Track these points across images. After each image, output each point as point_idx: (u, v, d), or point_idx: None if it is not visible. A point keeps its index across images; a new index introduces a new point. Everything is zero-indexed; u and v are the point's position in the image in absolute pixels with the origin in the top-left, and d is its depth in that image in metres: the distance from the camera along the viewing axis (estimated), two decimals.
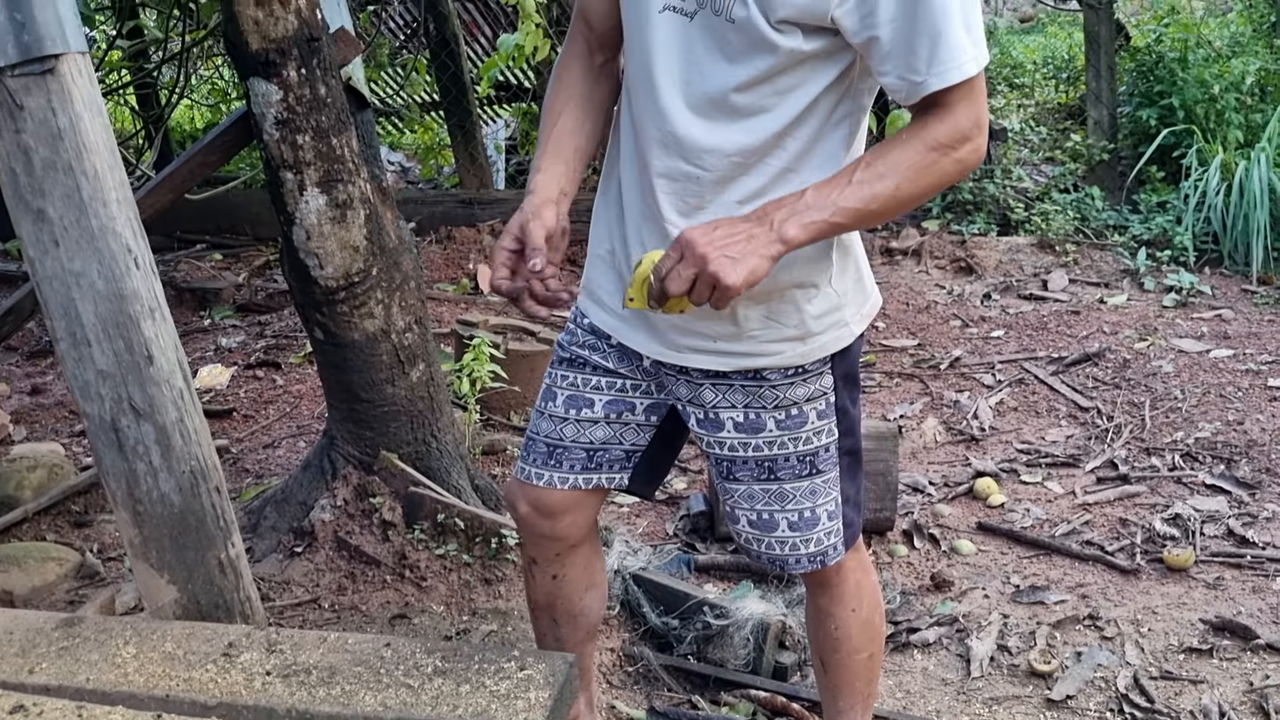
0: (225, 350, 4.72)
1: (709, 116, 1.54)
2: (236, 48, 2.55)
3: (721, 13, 1.47)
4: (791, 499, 1.75)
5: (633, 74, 1.60)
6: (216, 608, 2.10)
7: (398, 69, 6.90)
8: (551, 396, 1.85)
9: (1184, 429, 3.52)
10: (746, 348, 1.66)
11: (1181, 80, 5.30)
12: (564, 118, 1.71)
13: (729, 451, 1.74)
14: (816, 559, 1.79)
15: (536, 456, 1.87)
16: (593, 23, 1.72)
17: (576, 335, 1.84)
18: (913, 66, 1.44)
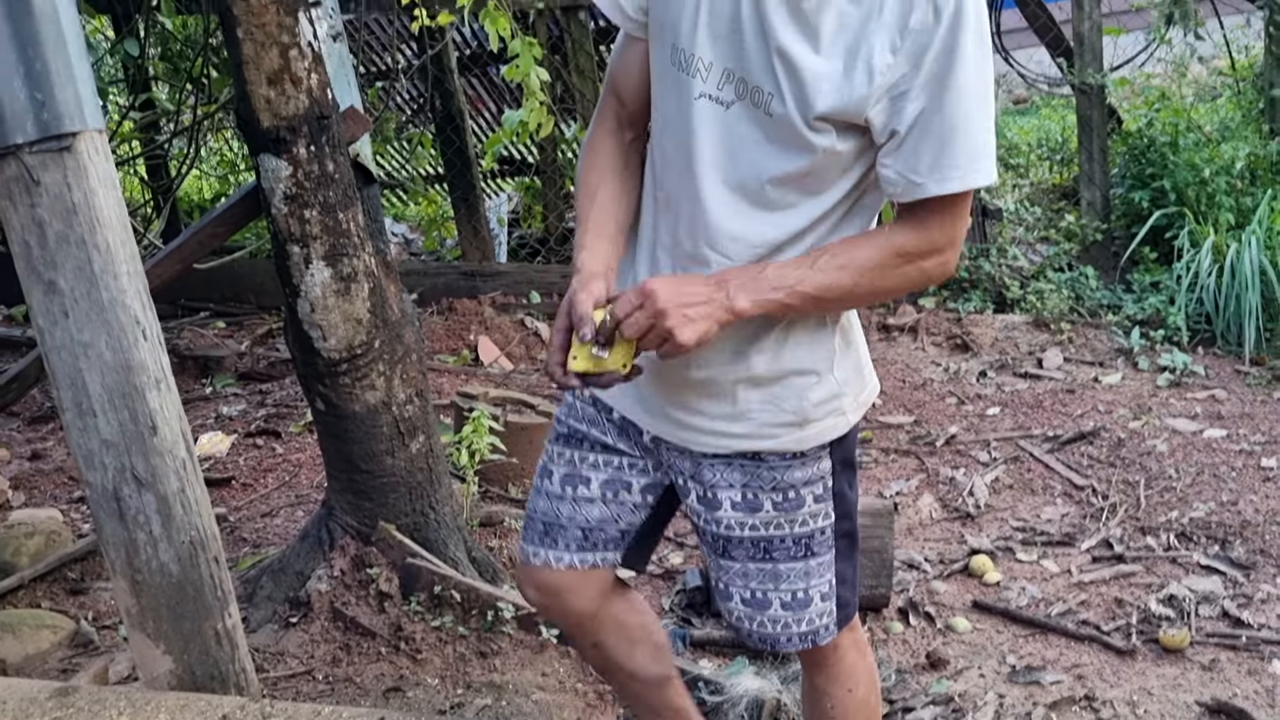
0: (226, 418, 4.75)
1: (742, 205, 1.55)
2: (248, 124, 2.62)
3: (760, 106, 1.50)
4: (785, 579, 1.75)
5: (669, 153, 1.59)
6: (212, 679, 2.11)
7: (403, 143, 7.01)
8: (548, 474, 1.85)
9: (1178, 509, 3.53)
10: (744, 429, 1.67)
11: (1173, 164, 5.39)
12: (601, 192, 1.68)
13: (725, 530, 1.74)
14: (808, 638, 1.78)
15: (534, 535, 1.87)
16: (625, 100, 1.71)
17: (576, 409, 1.83)
18: (914, 167, 1.46)
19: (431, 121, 6.59)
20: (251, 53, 2.51)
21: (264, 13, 2.48)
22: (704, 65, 1.52)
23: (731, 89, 1.51)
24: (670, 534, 3.57)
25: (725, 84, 1.51)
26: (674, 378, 1.66)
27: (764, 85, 1.49)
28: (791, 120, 1.48)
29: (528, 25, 5.79)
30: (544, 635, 2.76)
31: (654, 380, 1.67)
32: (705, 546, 1.81)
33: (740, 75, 1.50)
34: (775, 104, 1.48)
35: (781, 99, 1.47)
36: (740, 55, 1.49)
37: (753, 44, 1.48)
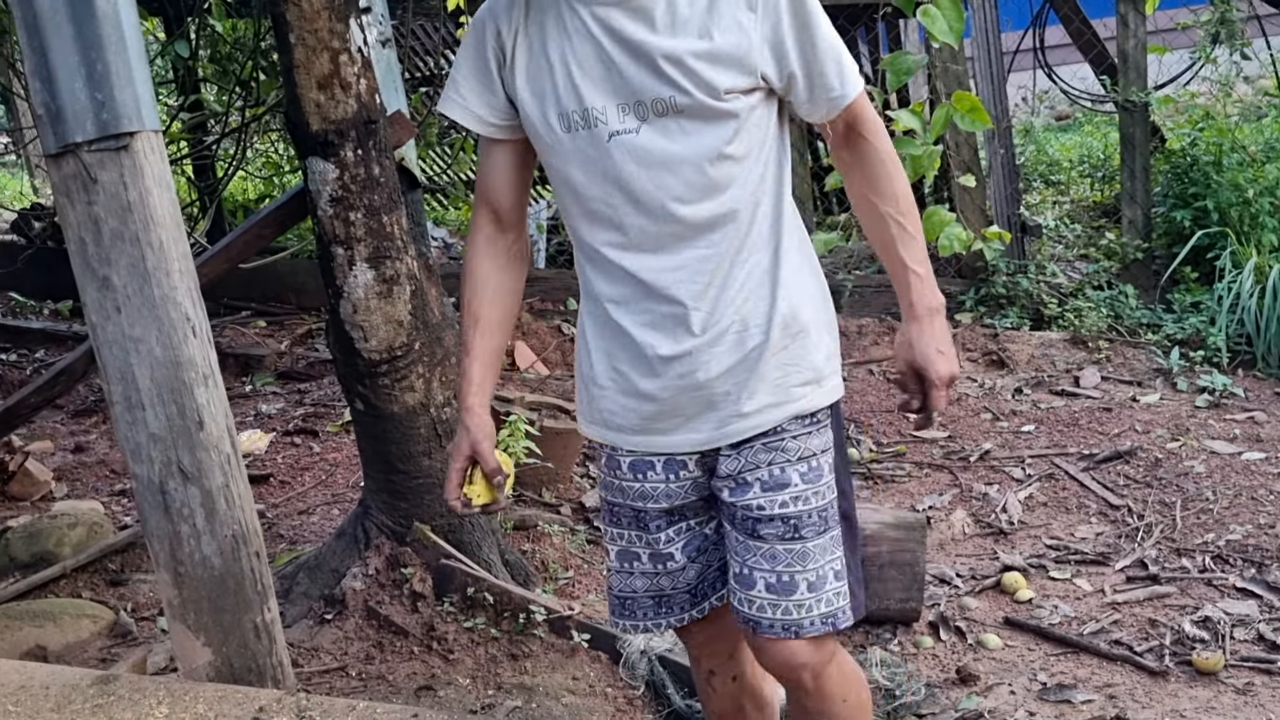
0: (265, 416, 4.81)
1: (703, 200, 1.68)
2: (297, 128, 2.66)
3: (668, 111, 1.63)
4: (812, 557, 1.77)
5: (612, 201, 1.69)
6: (249, 671, 2.14)
7: (445, 148, 7.08)
8: (634, 556, 1.89)
9: (1215, 530, 3.50)
10: (771, 398, 1.75)
11: (1216, 183, 5.35)
12: (483, 322, 1.83)
13: (756, 511, 1.76)
14: (829, 620, 1.78)
15: (645, 611, 1.92)
16: (498, 203, 1.83)
17: (622, 487, 1.87)
18: (829, 85, 1.70)
19: None
20: (303, 57, 2.55)
21: (316, 18, 2.52)
22: (599, 111, 1.65)
23: (633, 116, 1.65)
24: None
25: (625, 115, 1.65)
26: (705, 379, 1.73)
27: (662, 93, 1.63)
28: (702, 103, 1.63)
29: None
30: (575, 640, 2.78)
31: (686, 394, 1.75)
32: (732, 537, 1.81)
33: (636, 100, 1.64)
34: (680, 99, 1.63)
35: (685, 92, 1.63)
36: (624, 84, 1.64)
37: (631, 69, 1.63)
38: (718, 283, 1.71)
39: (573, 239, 1.81)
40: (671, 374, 1.73)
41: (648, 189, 1.67)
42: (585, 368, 1.84)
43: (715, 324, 1.72)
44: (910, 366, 1.78)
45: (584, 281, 1.81)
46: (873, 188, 1.80)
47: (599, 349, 1.80)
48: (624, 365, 1.78)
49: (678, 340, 1.72)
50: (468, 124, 1.78)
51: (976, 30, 5.69)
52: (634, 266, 1.71)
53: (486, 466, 1.83)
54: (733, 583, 1.82)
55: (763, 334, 1.73)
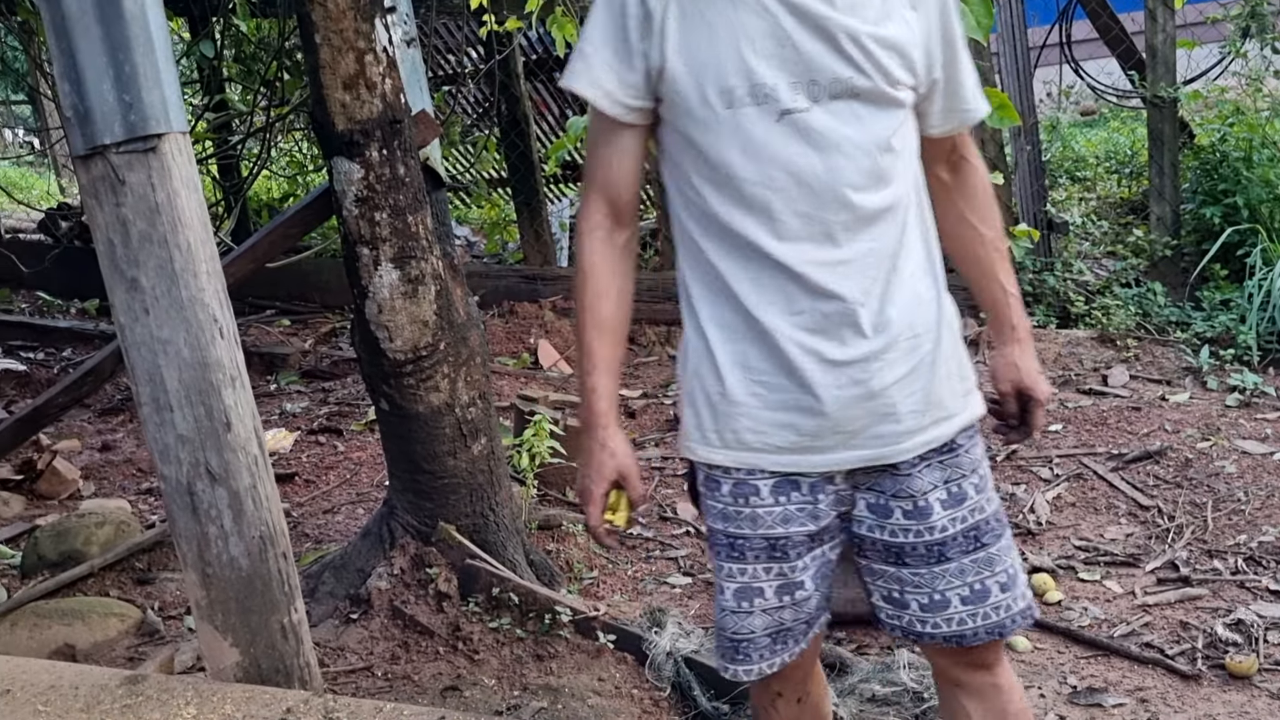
0: (289, 415, 4.83)
1: (871, 189, 1.59)
2: (323, 128, 2.66)
3: (843, 93, 1.55)
4: (997, 561, 1.72)
5: (765, 185, 1.57)
6: (276, 672, 2.14)
7: (468, 146, 7.09)
8: (757, 593, 1.71)
9: (1247, 532, 3.46)
10: (942, 410, 1.68)
11: (1246, 179, 5.29)
12: (608, 329, 1.68)
13: (939, 534, 1.68)
14: (1027, 614, 1.74)
15: (761, 652, 1.76)
16: (618, 197, 1.68)
17: (756, 515, 1.69)
18: (964, 98, 1.69)
19: (496, 125, 6.66)
20: (328, 58, 2.55)
21: (342, 19, 2.52)
22: (770, 87, 1.54)
23: (804, 95, 1.55)
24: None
25: (797, 94, 1.55)
26: (880, 387, 1.63)
27: (841, 73, 1.55)
28: (879, 89, 1.57)
29: None
30: (600, 640, 2.78)
31: (857, 405, 1.63)
32: (910, 571, 1.71)
33: (810, 78, 1.55)
34: (859, 81, 1.55)
35: (865, 74, 1.55)
36: (799, 61, 1.54)
37: (809, 45, 1.54)
38: (883, 279, 1.61)
39: (698, 235, 1.64)
40: (841, 382, 1.61)
41: (819, 173, 1.56)
42: (708, 384, 1.66)
43: (885, 326, 1.61)
44: (1015, 388, 1.78)
45: (708, 284, 1.65)
46: (975, 211, 1.77)
47: (730, 360, 1.63)
48: (771, 376, 1.62)
49: (847, 343, 1.60)
50: (596, 102, 1.61)
51: (1002, 25, 5.64)
52: (792, 259, 1.58)
53: (635, 493, 1.69)
54: (918, 613, 1.72)
55: (932, 340, 1.66)
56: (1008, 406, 1.81)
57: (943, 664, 1.82)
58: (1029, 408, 1.80)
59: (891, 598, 1.74)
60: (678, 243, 1.70)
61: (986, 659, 1.80)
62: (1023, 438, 1.84)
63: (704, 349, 1.66)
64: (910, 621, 1.73)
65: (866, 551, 1.73)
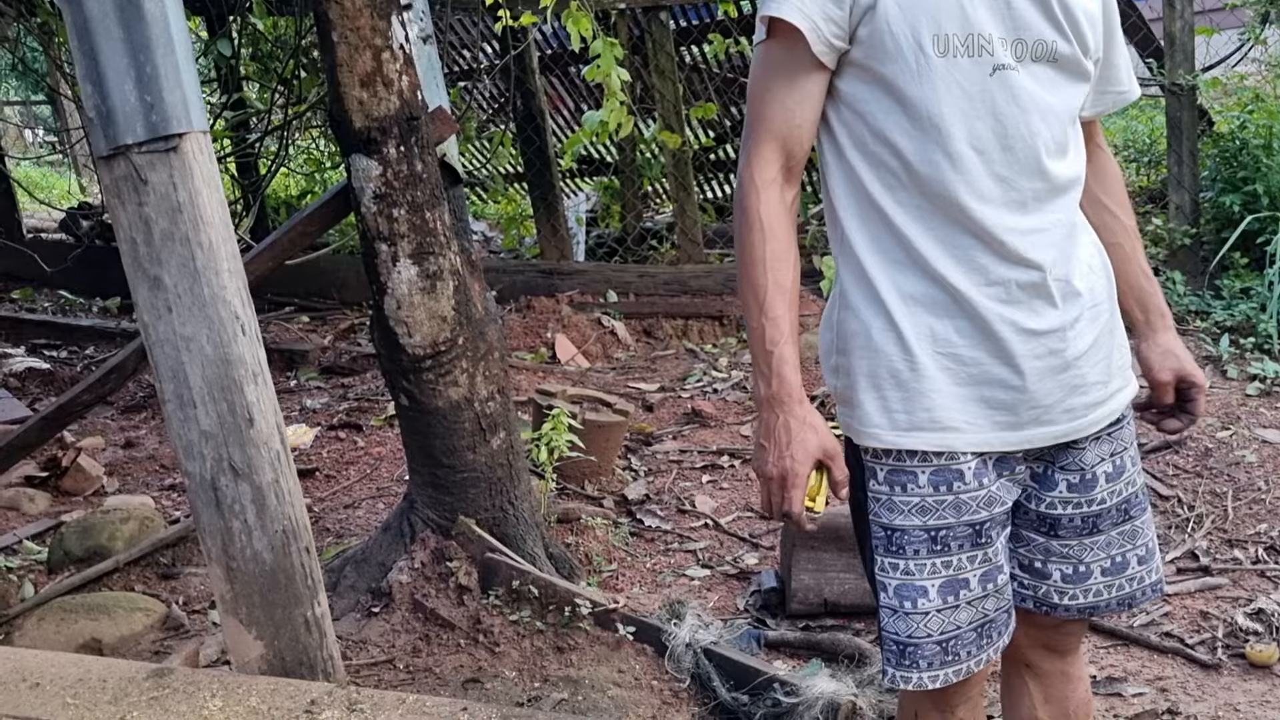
0: (310, 411, 4.86)
1: (1060, 156, 1.57)
2: (340, 125, 2.68)
3: (1046, 56, 1.54)
4: (1140, 534, 1.71)
5: (971, 143, 1.51)
6: (300, 665, 2.17)
7: (484, 141, 7.11)
8: (962, 585, 1.60)
9: (1268, 521, 3.45)
10: (1117, 382, 1.67)
11: (1266, 167, 5.25)
12: (790, 294, 1.55)
13: (1098, 506, 1.67)
14: (1158, 587, 1.74)
15: (968, 648, 1.62)
16: (801, 148, 1.57)
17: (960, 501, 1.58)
18: (1120, 80, 1.69)
19: (512, 120, 6.67)
20: (345, 55, 2.57)
21: (358, 16, 2.54)
22: (987, 39, 1.49)
23: (1011, 53, 1.51)
24: (746, 534, 3.57)
25: (1006, 51, 1.51)
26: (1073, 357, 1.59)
27: (1045, 35, 1.53)
28: (1077, 57, 1.56)
29: (609, 26, 5.83)
30: (620, 632, 2.79)
31: (1052, 377, 1.57)
32: (1060, 540, 1.68)
33: (1017, 37, 1.52)
34: (1061, 47, 1.54)
35: (1067, 39, 1.54)
36: (1010, 17, 1.51)
37: (1022, 2, 1.51)
38: (1068, 250, 1.58)
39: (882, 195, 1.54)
40: (1039, 352, 1.55)
41: (1024, 134, 1.51)
42: (893, 360, 1.55)
43: (1072, 296, 1.57)
44: (1176, 376, 1.75)
45: (889, 249, 1.55)
46: (1113, 197, 1.76)
47: (918, 333, 1.54)
48: (967, 349, 1.54)
49: (1040, 314, 1.55)
50: (806, 34, 1.49)
51: None
52: (992, 222, 1.52)
53: (841, 471, 1.55)
54: (1059, 584, 1.69)
55: (1109, 310, 1.65)
56: (1165, 396, 1.78)
57: (1027, 641, 1.77)
58: (1191, 394, 1.78)
59: (1032, 566, 1.70)
60: (841, 205, 1.59)
61: (1071, 642, 1.80)
62: (1188, 425, 1.80)
63: (885, 322, 1.55)
64: (1047, 592, 1.70)
65: (1018, 518, 1.68)
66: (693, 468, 4.07)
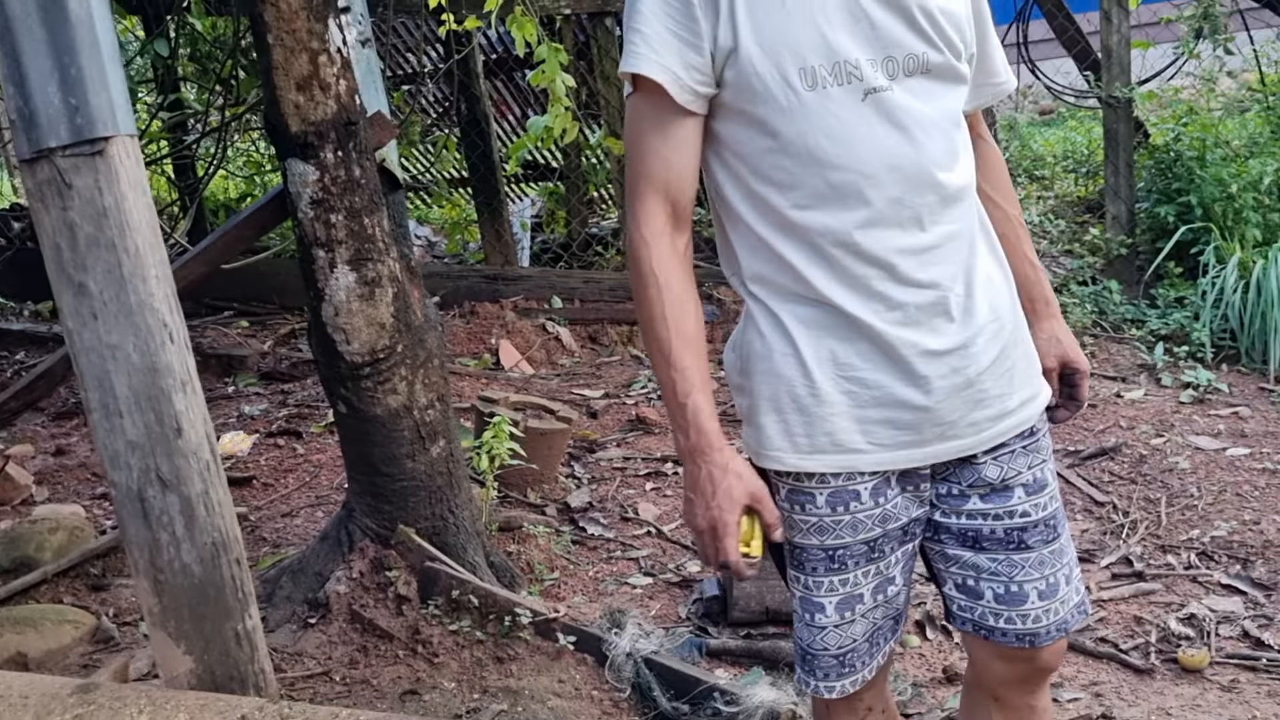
0: (248, 417, 4.78)
1: (952, 166, 1.56)
2: (277, 129, 2.64)
3: (918, 69, 1.52)
4: (1065, 552, 1.69)
5: (854, 170, 1.49)
6: (231, 679, 2.12)
7: (428, 146, 7.05)
8: (858, 600, 1.64)
9: (1200, 527, 3.51)
10: (1025, 392, 1.65)
11: (1199, 179, 5.36)
12: (694, 343, 1.54)
13: (1020, 519, 1.64)
14: (1083, 608, 1.71)
15: (862, 659, 1.68)
16: (685, 194, 1.55)
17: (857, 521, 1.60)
18: (996, 71, 1.69)
19: (456, 125, 6.62)
20: (281, 58, 2.53)
21: (294, 19, 2.50)
22: (853, 64, 1.48)
23: (883, 73, 1.49)
24: (689, 542, 3.57)
25: (877, 72, 1.49)
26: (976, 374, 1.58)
27: (915, 49, 1.51)
28: (949, 63, 1.55)
29: (554, 31, 5.82)
30: (561, 642, 2.77)
31: (956, 395, 1.57)
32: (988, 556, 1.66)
33: (886, 55, 1.50)
34: (933, 57, 1.53)
35: (937, 49, 1.53)
36: (875, 36, 1.49)
37: (885, 20, 1.49)
38: (965, 263, 1.57)
39: (766, 231, 1.54)
40: (943, 372, 1.55)
41: (908, 152, 1.50)
42: (794, 385, 1.56)
43: (972, 311, 1.56)
44: (1061, 362, 1.77)
45: (781, 280, 1.56)
46: (997, 187, 1.76)
47: (819, 359, 1.54)
48: (869, 371, 1.54)
49: (940, 332, 1.54)
50: (667, 87, 1.49)
51: None
52: (879, 247, 1.50)
53: (771, 514, 1.55)
54: (993, 605, 1.66)
55: (1011, 320, 1.63)
56: (1052, 383, 1.78)
57: (994, 672, 1.75)
58: (1075, 381, 1.79)
59: (965, 586, 1.68)
60: (732, 239, 1.60)
61: (1043, 677, 1.76)
62: (1074, 412, 1.81)
63: (787, 346, 1.56)
64: (983, 615, 1.67)
65: (942, 536, 1.68)
66: (636, 475, 4.06)
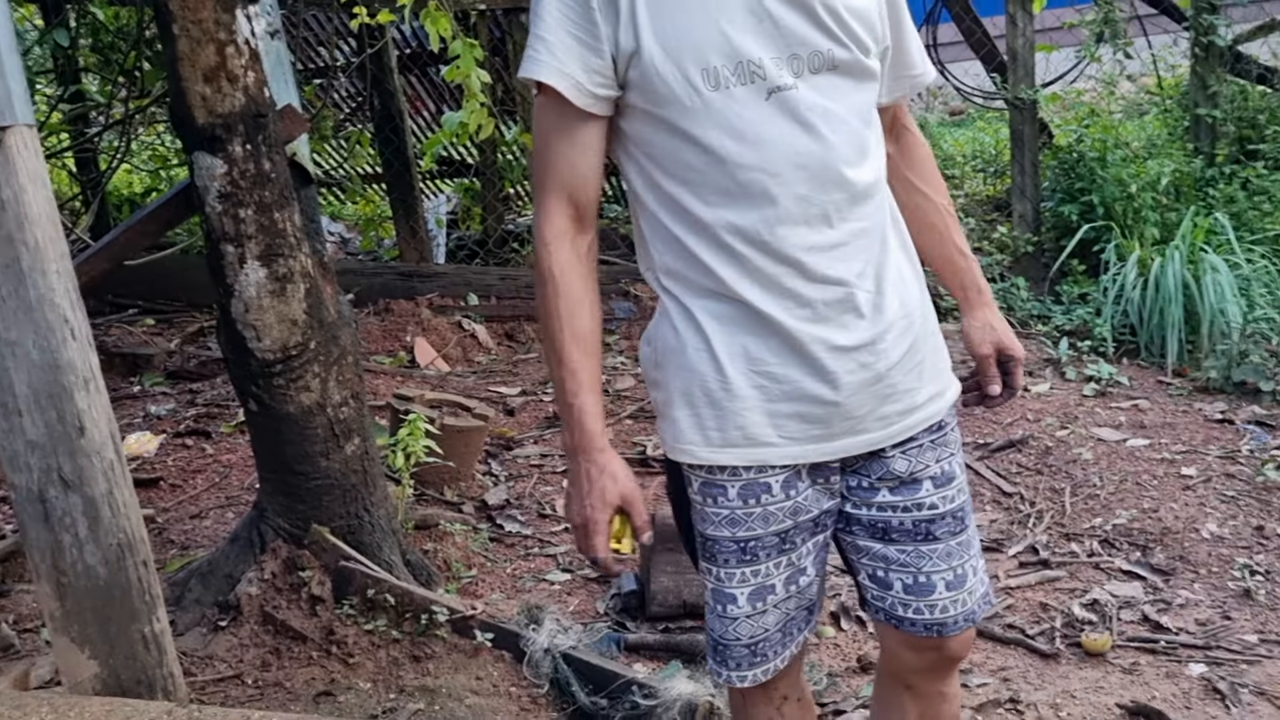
0: (154, 417, 4.66)
1: (863, 162, 1.56)
2: (182, 121, 2.58)
3: (824, 66, 1.51)
4: (972, 544, 1.71)
5: (760, 169, 1.50)
6: (138, 684, 2.07)
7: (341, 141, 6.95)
8: (769, 590, 1.66)
9: (1102, 515, 3.62)
10: (935, 386, 1.67)
11: (1101, 179, 5.52)
12: (588, 343, 1.56)
13: (929, 511, 1.66)
14: (988, 598, 1.74)
15: (774, 648, 1.70)
16: (587, 196, 1.57)
17: (768, 513, 1.62)
18: (913, 63, 1.68)
19: (370, 120, 6.54)
20: (187, 49, 2.47)
21: (200, 9, 2.45)
22: (756, 63, 1.48)
23: (788, 71, 1.49)
24: None
25: (782, 70, 1.49)
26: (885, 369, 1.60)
27: (820, 46, 1.51)
28: (856, 59, 1.54)
29: (469, 26, 5.77)
30: (478, 639, 2.76)
31: (865, 389, 1.59)
32: (897, 547, 1.68)
33: (791, 53, 1.50)
34: (839, 53, 1.52)
35: (843, 45, 1.52)
36: (778, 35, 1.49)
37: (788, 18, 1.49)
38: (875, 260, 1.57)
39: (679, 229, 1.55)
40: (851, 368, 1.56)
41: (814, 150, 1.50)
42: (706, 380, 1.57)
43: (882, 308, 1.58)
44: (995, 349, 1.80)
45: (694, 277, 1.56)
46: (924, 178, 1.77)
47: (731, 353, 1.56)
48: (780, 366, 1.56)
49: (850, 328, 1.56)
50: (565, 93, 1.49)
51: None
52: (789, 246, 1.51)
53: (640, 517, 1.58)
54: (902, 595, 1.69)
55: (921, 315, 1.65)
56: (988, 370, 1.81)
57: (905, 660, 1.78)
58: (1010, 367, 1.82)
59: (876, 577, 1.71)
60: (646, 235, 1.61)
61: (953, 666, 1.79)
62: (1008, 398, 1.83)
63: (700, 341, 1.57)
64: (893, 604, 1.70)
65: (854, 528, 1.70)
66: (554, 472, 4.05)
